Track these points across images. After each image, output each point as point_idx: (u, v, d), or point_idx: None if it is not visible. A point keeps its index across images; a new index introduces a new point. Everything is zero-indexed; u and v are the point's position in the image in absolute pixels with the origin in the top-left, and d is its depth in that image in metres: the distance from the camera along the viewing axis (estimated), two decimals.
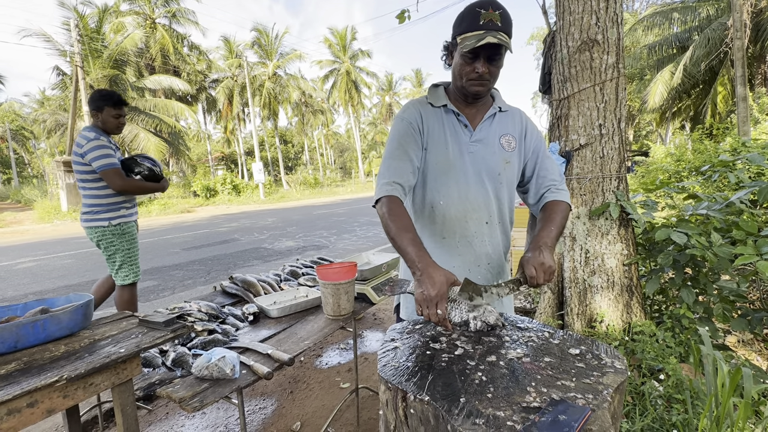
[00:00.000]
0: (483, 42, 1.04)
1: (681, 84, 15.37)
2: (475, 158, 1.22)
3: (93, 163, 2.53)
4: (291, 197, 24.55)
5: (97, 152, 2.52)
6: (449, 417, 0.67)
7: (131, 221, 2.79)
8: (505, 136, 1.25)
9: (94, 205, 2.63)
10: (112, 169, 2.56)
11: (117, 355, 1.20)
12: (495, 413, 0.68)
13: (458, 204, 1.22)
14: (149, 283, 5.03)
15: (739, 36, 7.41)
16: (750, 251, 1.73)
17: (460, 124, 1.24)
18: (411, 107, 1.27)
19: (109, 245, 2.69)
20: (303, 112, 38.06)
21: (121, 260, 2.72)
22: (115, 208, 2.67)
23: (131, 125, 19.34)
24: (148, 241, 8.64)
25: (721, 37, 13.42)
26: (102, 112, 2.63)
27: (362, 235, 8.46)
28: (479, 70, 1.12)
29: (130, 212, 2.79)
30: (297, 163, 49.73)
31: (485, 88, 1.16)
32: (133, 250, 2.76)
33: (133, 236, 2.78)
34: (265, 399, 2.35)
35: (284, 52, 32.68)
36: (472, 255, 1.25)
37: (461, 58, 1.14)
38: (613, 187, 2.28)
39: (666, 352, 1.97)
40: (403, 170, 1.18)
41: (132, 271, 2.75)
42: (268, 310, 2.10)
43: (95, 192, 2.62)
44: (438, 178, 1.23)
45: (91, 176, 2.59)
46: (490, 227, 1.25)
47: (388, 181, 1.16)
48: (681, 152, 8.64)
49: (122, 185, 2.60)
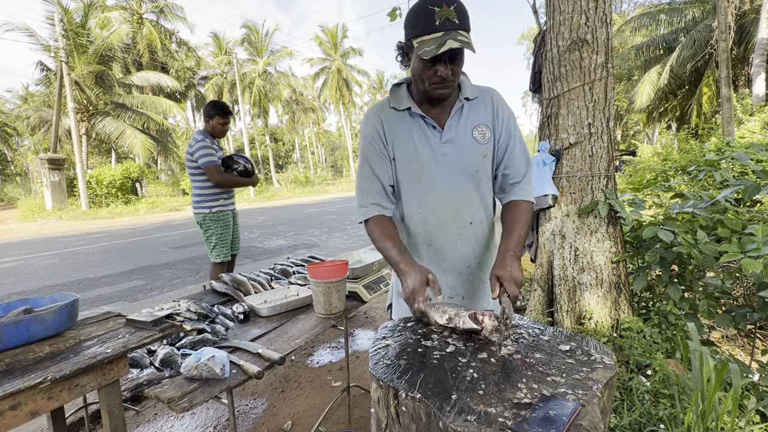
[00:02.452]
0: (444, 48, 0.97)
1: (668, 85, 15.63)
2: (449, 160, 1.16)
3: (199, 160, 3.06)
4: (282, 196, 24.40)
5: (202, 151, 3.05)
6: (441, 414, 0.67)
7: (228, 210, 3.31)
8: (478, 128, 1.17)
9: (199, 195, 3.19)
10: (213, 166, 3.08)
11: (103, 355, 1.18)
12: (486, 410, 0.68)
13: (437, 210, 1.19)
14: (137, 282, 4.95)
15: (723, 38, 7.55)
16: (735, 248, 1.76)
17: (428, 126, 1.17)
18: (370, 119, 1.20)
19: (207, 228, 3.21)
20: (294, 110, 37.82)
21: (215, 242, 3.22)
22: (215, 199, 3.20)
23: (117, 122, 19.02)
24: (136, 240, 8.52)
25: (707, 39, 13.67)
26: (212, 120, 3.18)
27: (353, 234, 8.44)
28: (441, 73, 1.04)
29: (228, 202, 3.32)
30: (288, 162, 49.42)
31: (450, 89, 1.10)
32: (225, 235, 3.26)
33: (227, 223, 3.29)
34: (256, 398, 2.33)
35: (275, 49, 32.42)
36: (460, 257, 1.23)
37: (421, 62, 1.06)
38: (602, 186, 2.31)
39: (653, 348, 2.00)
40: (373, 190, 1.19)
41: (222, 252, 3.24)
42: (259, 309, 2.08)
43: (200, 184, 3.17)
44: (413, 187, 1.19)
45: (198, 171, 3.13)
46: (475, 226, 1.22)
47: (362, 204, 1.20)
48: (668, 152, 8.79)
49: (220, 179, 3.11)
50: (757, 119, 9.49)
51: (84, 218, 14.13)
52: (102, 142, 21.50)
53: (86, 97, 18.48)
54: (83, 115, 18.79)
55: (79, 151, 16.49)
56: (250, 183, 3.38)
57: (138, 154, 19.55)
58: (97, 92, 18.93)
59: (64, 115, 17.37)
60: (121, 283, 4.95)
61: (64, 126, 19.10)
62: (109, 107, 19.44)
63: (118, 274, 5.41)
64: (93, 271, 5.59)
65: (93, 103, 18.93)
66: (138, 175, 20.18)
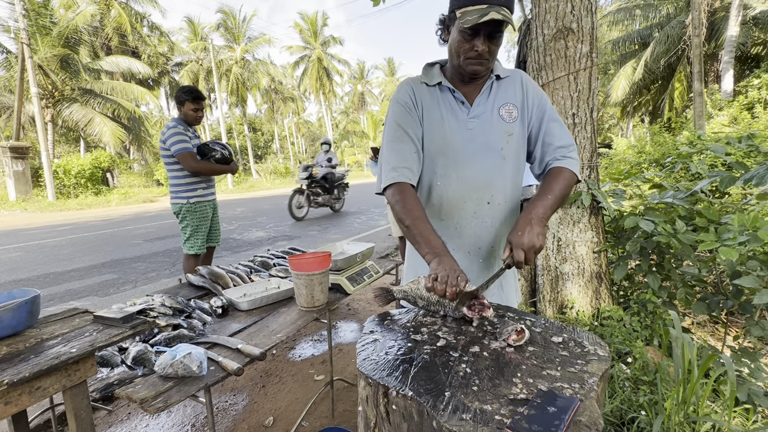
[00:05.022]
0: (486, 18, 0.97)
1: (642, 79, 16.03)
2: (474, 135, 1.14)
3: (171, 147, 2.94)
4: (261, 187, 23.91)
5: (174, 138, 2.94)
6: (434, 413, 0.64)
7: (206, 201, 3.19)
8: (505, 106, 1.16)
9: (176, 185, 3.07)
10: (186, 153, 2.96)
11: (68, 355, 1.10)
12: (482, 407, 0.65)
13: (456, 184, 1.16)
14: (108, 276, 4.75)
15: (697, 33, 7.76)
16: (712, 238, 1.80)
17: (457, 101, 1.16)
18: (403, 87, 1.20)
19: (183, 219, 3.10)
20: (273, 99, 36.95)
21: (189, 233, 3.11)
22: (192, 189, 3.09)
23: (85, 109, 18.13)
24: (108, 232, 8.18)
25: (680, 35, 14.06)
26: (183, 106, 3.06)
27: (335, 225, 8.36)
28: (478, 48, 1.04)
29: (207, 192, 3.20)
30: (267, 152, 48.40)
31: (484, 67, 1.10)
32: (201, 227, 3.16)
33: (205, 215, 3.18)
34: (236, 394, 2.26)
35: (252, 36, 31.43)
36: (472, 237, 1.19)
37: (460, 34, 1.06)
38: (585, 176, 2.32)
39: (633, 336, 2.04)
40: (407, 152, 1.13)
41: (196, 244, 3.14)
42: (238, 303, 2.01)
43: (176, 174, 3.05)
44: (435, 158, 1.17)
45: (173, 160, 3.00)
46: (492, 207, 1.17)
47: (394, 166, 1.12)
48: (642, 144, 9.03)
49: (195, 166, 2.99)
50: (726, 114, 9.86)
51: (51, 210, 13.46)
52: (69, 129, 20.46)
53: (51, 82, 17.50)
54: (48, 101, 17.82)
55: (44, 138, 15.65)
56: (229, 170, 3.27)
57: (108, 143, 18.71)
58: (63, 77, 17.95)
59: (27, 101, 16.40)
60: (92, 277, 4.73)
61: (27, 112, 18.07)
62: (77, 93, 18.48)
63: (88, 267, 5.17)
64: (61, 265, 5.32)
65: (58, 88, 17.95)
66: (109, 165, 19.35)
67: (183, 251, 3.19)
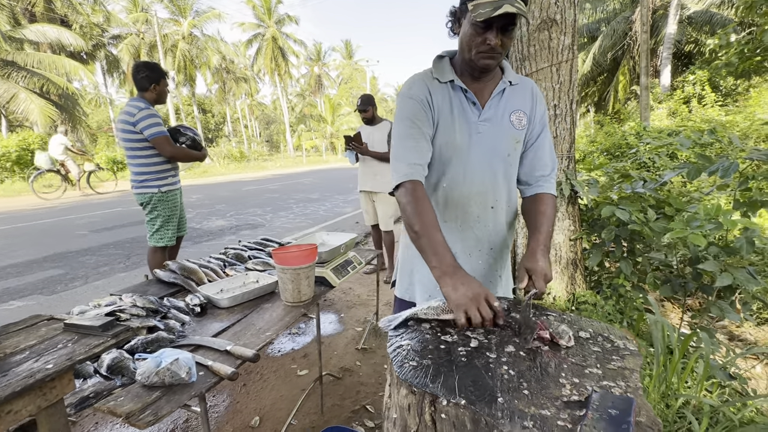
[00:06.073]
0: (500, 11, 0.93)
1: (590, 71, 16.88)
2: (483, 139, 1.14)
3: (144, 131, 2.67)
4: (215, 172, 22.69)
5: (149, 120, 2.67)
6: (494, 421, 0.62)
7: (176, 189, 2.99)
8: (516, 113, 1.16)
9: (144, 172, 2.80)
10: (164, 137, 2.73)
11: (44, 372, 0.96)
12: (540, 412, 0.63)
13: (462, 187, 1.16)
14: (52, 272, 4.31)
15: (645, 29, 8.24)
16: (681, 225, 1.93)
17: (468, 102, 1.14)
18: (418, 83, 1.15)
19: (153, 209, 2.87)
20: (224, 79, 34.95)
21: (160, 224, 2.90)
22: (163, 177, 2.86)
23: (7, 83, 16.16)
24: (46, 222, 7.41)
25: (625, 31, 14.91)
26: (159, 84, 2.80)
27: (300, 213, 8.14)
28: (491, 42, 1.01)
29: (176, 180, 3.00)
30: (218, 135, 45.96)
31: (495, 61, 1.07)
32: (173, 217, 2.97)
33: (176, 204, 2.98)
34: (216, 395, 2.15)
35: (200, 9, 29.37)
36: (473, 239, 1.20)
37: (472, 27, 1.03)
38: (564, 167, 2.40)
39: (607, 319, 2.16)
40: (421, 150, 1.10)
41: (167, 235, 2.93)
42: (217, 300, 1.89)
43: (145, 161, 2.78)
44: (443, 160, 1.16)
45: (142, 144, 2.73)
46: (496, 212, 1.19)
47: (408, 163, 1.08)
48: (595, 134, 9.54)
49: (172, 152, 2.80)
50: (665, 107, 10.65)
51: None
52: None
53: None
54: None
55: None
56: (201, 157, 3.09)
57: (36, 122, 16.86)
58: None
59: None
60: (32, 273, 4.27)
61: None
62: None
63: (26, 263, 4.66)
64: None
65: None
66: (39, 147, 17.48)
67: (149, 244, 2.95)
